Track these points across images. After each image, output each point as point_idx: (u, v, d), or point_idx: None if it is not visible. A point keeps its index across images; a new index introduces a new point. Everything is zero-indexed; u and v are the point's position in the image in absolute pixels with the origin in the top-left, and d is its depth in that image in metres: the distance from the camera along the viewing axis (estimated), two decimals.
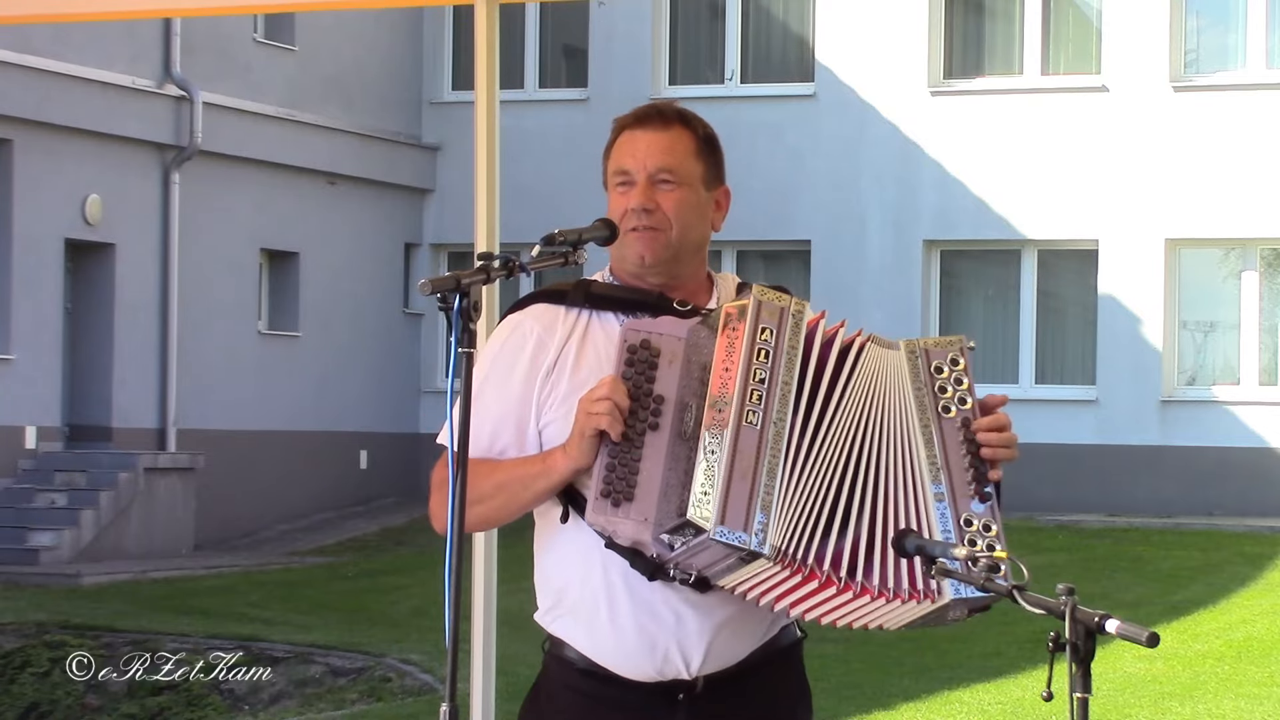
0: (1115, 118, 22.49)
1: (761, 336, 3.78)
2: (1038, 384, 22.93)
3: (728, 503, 3.68)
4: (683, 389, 3.77)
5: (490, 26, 5.46)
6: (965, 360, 3.90)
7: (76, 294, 21.20)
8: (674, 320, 3.84)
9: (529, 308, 4.00)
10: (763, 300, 3.82)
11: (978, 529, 3.80)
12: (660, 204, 3.93)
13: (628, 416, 3.74)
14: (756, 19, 24.37)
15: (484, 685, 5.34)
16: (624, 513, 3.73)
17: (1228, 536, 19.79)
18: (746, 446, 3.72)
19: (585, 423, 3.75)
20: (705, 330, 3.81)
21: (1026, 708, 12.40)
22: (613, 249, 3.99)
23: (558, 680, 4.01)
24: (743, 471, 3.70)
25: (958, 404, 3.87)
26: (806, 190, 23.44)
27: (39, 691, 15.51)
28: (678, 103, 4.11)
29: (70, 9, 7.03)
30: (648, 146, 3.96)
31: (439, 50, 25.23)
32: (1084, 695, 3.39)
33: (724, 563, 3.74)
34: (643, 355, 3.79)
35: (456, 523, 3.61)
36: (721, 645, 3.90)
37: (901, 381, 3.87)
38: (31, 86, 20.08)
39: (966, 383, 3.88)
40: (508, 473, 3.88)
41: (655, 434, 3.74)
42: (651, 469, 3.73)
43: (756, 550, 3.68)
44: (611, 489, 3.73)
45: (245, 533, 22.44)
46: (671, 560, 3.76)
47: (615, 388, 3.74)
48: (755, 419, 3.74)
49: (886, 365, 3.86)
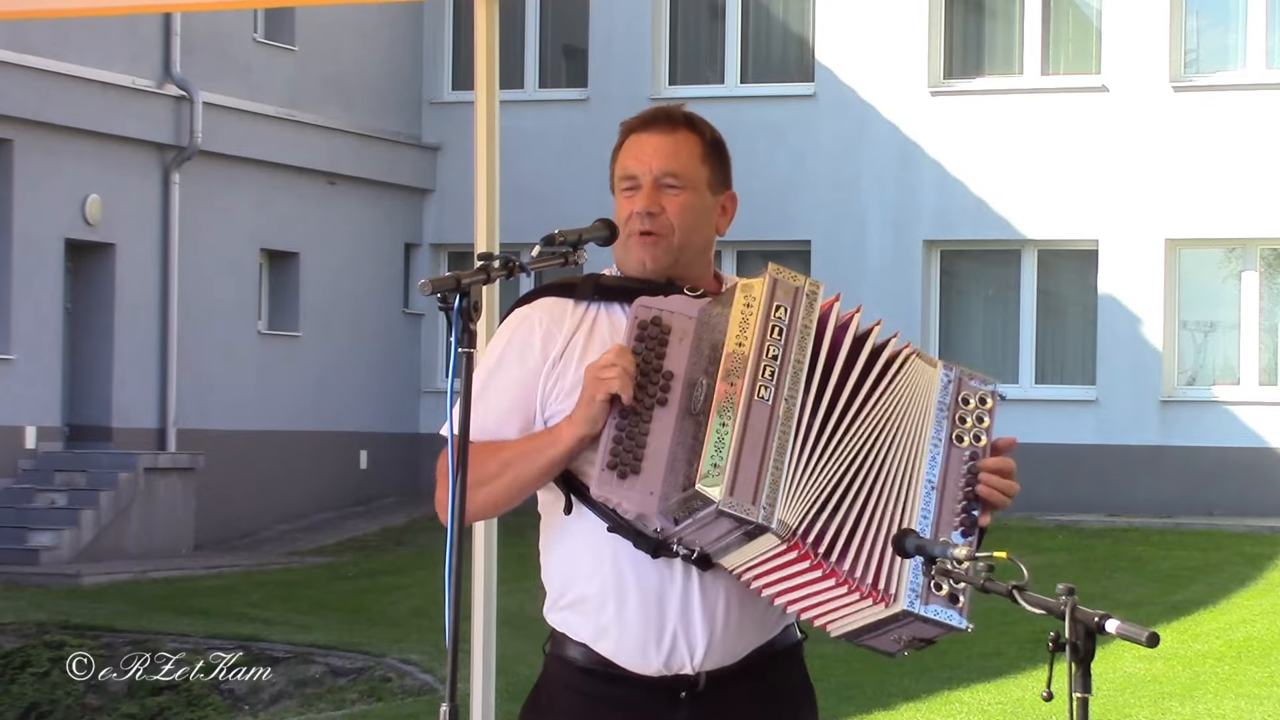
0: (1115, 118, 22.49)
1: (776, 314, 3.79)
2: (1038, 384, 22.93)
3: (737, 476, 3.68)
4: (692, 366, 3.77)
5: (490, 26, 5.46)
6: (993, 404, 3.94)
7: (76, 294, 21.19)
8: (686, 299, 3.86)
9: (537, 300, 4.01)
10: (778, 278, 3.83)
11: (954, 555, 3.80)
12: (665, 207, 3.94)
13: (636, 390, 3.74)
14: (756, 19, 24.37)
15: (484, 685, 5.34)
16: (630, 485, 3.73)
17: (1228, 536, 19.79)
18: (757, 422, 3.72)
19: (594, 388, 3.76)
20: (717, 309, 3.82)
21: (1026, 708, 12.40)
22: (616, 253, 4.00)
23: (558, 681, 4.02)
24: (753, 446, 3.70)
25: (971, 438, 3.89)
26: (806, 190, 23.44)
27: (39, 691, 15.51)
28: (680, 103, 4.12)
29: (69, 4, 7.01)
30: (654, 150, 3.96)
31: (439, 50, 25.23)
32: (1084, 695, 3.39)
33: (729, 538, 3.73)
34: (653, 331, 3.80)
35: (457, 524, 3.61)
36: (725, 638, 3.90)
37: (929, 398, 3.90)
38: (31, 86, 20.08)
39: (987, 423, 3.91)
40: (514, 449, 3.88)
41: (663, 409, 3.75)
42: (659, 443, 3.73)
43: (764, 524, 3.68)
44: (618, 461, 3.74)
45: (245, 533, 22.44)
46: (675, 535, 3.76)
47: (623, 354, 3.75)
48: (767, 394, 3.74)
49: (921, 379, 3.90)
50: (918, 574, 3.74)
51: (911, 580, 3.75)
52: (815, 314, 3.83)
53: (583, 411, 3.79)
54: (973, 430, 3.90)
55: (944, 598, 3.75)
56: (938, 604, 3.76)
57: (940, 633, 3.80)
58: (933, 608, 3.75)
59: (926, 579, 3.73)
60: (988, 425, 3.91)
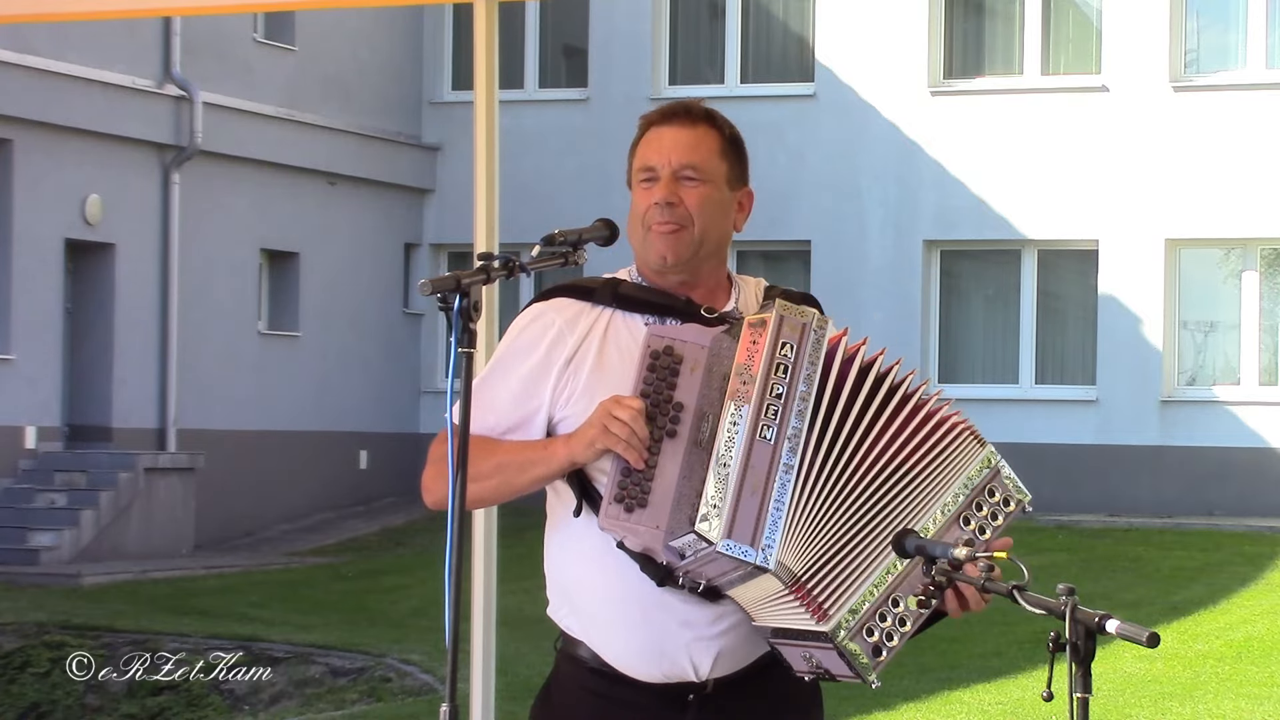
0: (1115, 118, 22.49)
1: (781, 351, 3.78)
2: (1038, 384, 22.91)
3: (736, 516, 3.69)
4: (703, 398, 3.77)
5: (490, 26, 5.46)
6: (1014, 511, 3.91)
7: (76, 294, 21.19)
8: (698, 328, 3.85)
9: (553, 300, 4.00)
10: (785, 315, 3.81)
11: (899, 613, 3.77)
12: (684, 199, 3.94)
13: (645, 422, 3.74)
14: (756, 19, 24.37)
15: (484, 685, 5.34)
16: (637, 519, 3.73)
17: (1228, 536, 19.79)
18: (759, 461, 3.72)
19: (599, 436, 3.75)
20: (728, 340, 3.81)
21: (1026, 708, 12.40)
22: (635, 248, 3.99)
23: (570, 679, 4.02)
24: (753, 486, 3.71)
25: (977, 528, 3.87)
26: (806, 190, 23.43)
27: (39, 691, 15.51)
28: (698, 100, 4.12)
29: (70, 8, 7.02)
30: (673, 143, 3.96)
31: (439, 50, 25.23)
32: (1084, 695, 3.39)
33: (733, 574, 3.74)
34: (665, 361, 3.79)
35: (457, 524, 3.61)
36: (730, 650, 3.91)
37: (961, 472, 3.87)
38: (31, 86, 20.07)
39: (999, 523, 3.89)
40: (508, 454, 3.88)
41: (673, 441, 3.75)
42: (667, 477, 3.73)
43: (762, 566, 3.69)
44: (626, 495, 3.74)
45: (245, 533, 22.44)
46: (682, 569, 3.77)
47: (638, 417, 3.73)
48: (770, 434, 3.74)
49: (965, 454, 3.88)
50: (859, 612, 3.74)
51: (851, 611, 3.74)
52: (822, 351, 3.81)
53: (580, 444, 3.79)
54: (981, 520, 3.88)
55: (869, 644, 3.76)
56: (860, 645, 3.76)
57: (848, 675, 3.80)
58: (854, 646, 3.75)
59: (865, 619, 3.73)
60: (998, 525, 3.88)
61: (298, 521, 23.02)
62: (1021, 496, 3.92)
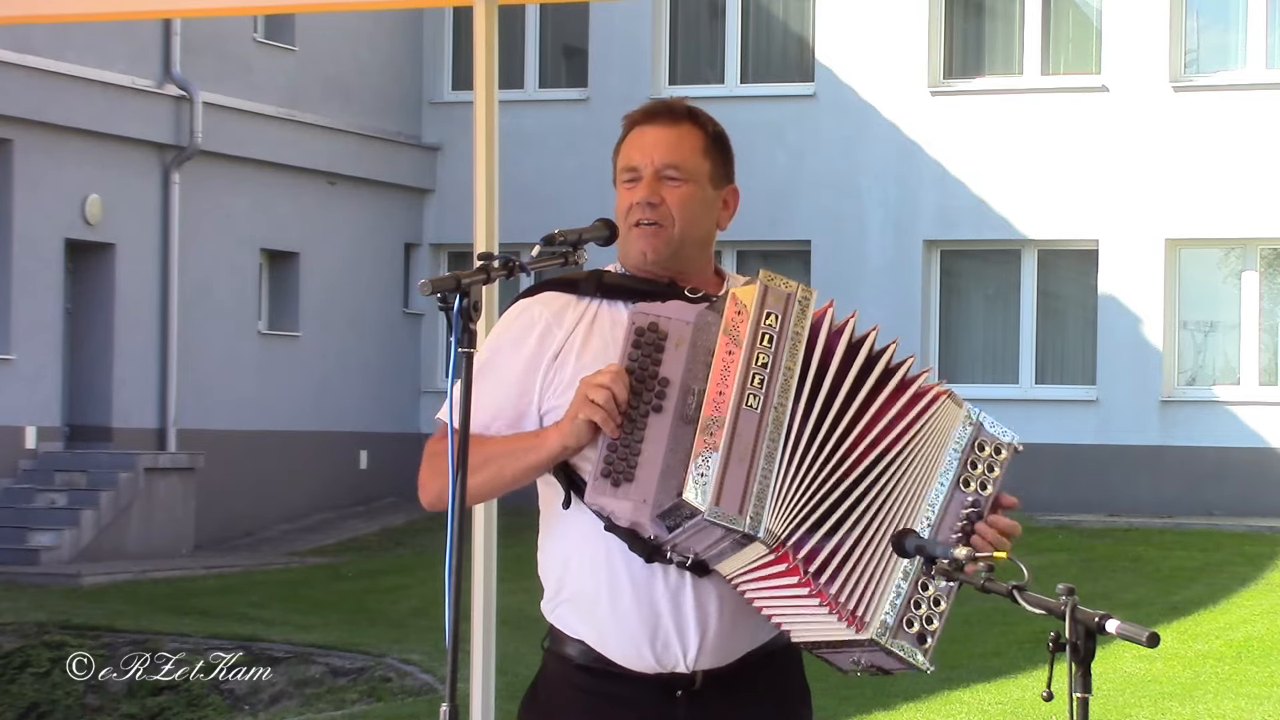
0: (1115, 118, 22.50)
1: (766, 321, 3.79)
2: (1038, 384, 22.92)
3: (723, 485, 3.69)
4: (688, 373, 3.78)
5: (490, 26, 5.47)
6: (1007, 456, 3.91)
7: (76, 294, 21.20)
8: (682, 305, 3.86)
9: (540, 294, 4.01)
10: (769, 285, 3.82)
11: (930, 595, 3.80)
12: (665, 199, 3.95)
13: (631, 397, 3.75)
14: (756, 19, 24.37)
15: (484, 685, 5.34)
16: (623, 493, 3.74)
17: (1228, 536, 19.79)
18: (745, 430, 3.73)
19: (580, 408, 3.76)
20: (713, 315, 3.82)
21: (1026, 708, 12.40)
22: (619, 246, 4.00)
23: (557, 677, 4.02)
24: (740, 455, 3.71)
25: (978, 486, 3.87)
26: (806, 190, 23.44)
27: (39, 691, 15.52)
28: (683, 98, 4.12)
29: (70, 8, 7.03)
30: (655, 142, 3.97)
31: (439, 50, 25.23)
32: (1084, 695, 3.39)
33: (721, 545, 3.74)
34: (650, 338, 3.80)
35: (456, 524, 3.61)
36: (718, 637, 3.90)
37: (947, 436, 3.88)
38: (31, 86, 20.08)
39: (997, 474, 3.89)
40: (498, 446, 3.89)
41: (658, 416, 3.75)
42: (653, 451, 3.74)
43: (750, 533, 3.69)
44: (612, 469, 3.75)
45: (245, 533, 22.44)
46: (669, 542, 3.77)
47: (617, 379, 3.75)
48: (755, 403, 3.74)
49: (946, 418, 3.88)
50: (895, 607, 3.77)
51: (887, 611, 3.77)
52: (807, 321, 3.82)
53: (567, 425, 3.80)
54: (980, 480, 3.88)
55: (913, 635, 3.78)
56: (905, 640, 3.78)
57: (900, 667, 3.83)
58: (899, 643, 3.78)
59: (901, 614, 3.76)
60: (997, 476, 3.89)
61: (298, 521, 23.02)
62: (1011, 440, 3.93)
